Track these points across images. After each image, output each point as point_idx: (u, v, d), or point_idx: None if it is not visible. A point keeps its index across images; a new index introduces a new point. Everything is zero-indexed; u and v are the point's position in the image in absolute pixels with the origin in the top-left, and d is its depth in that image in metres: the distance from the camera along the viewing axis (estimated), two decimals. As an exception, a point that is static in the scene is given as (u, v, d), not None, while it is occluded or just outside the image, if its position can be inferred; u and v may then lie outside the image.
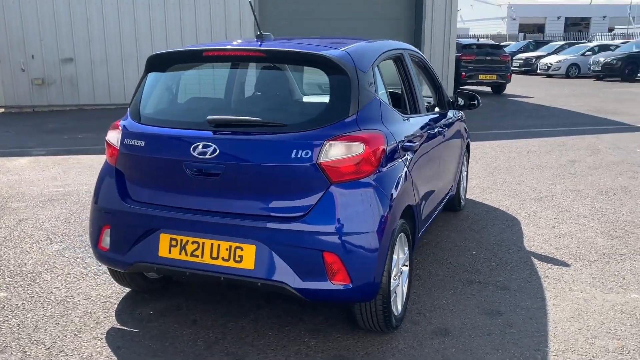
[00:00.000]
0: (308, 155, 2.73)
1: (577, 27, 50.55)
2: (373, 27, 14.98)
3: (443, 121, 4.28)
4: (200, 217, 2.91)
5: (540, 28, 50.03)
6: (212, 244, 2.88)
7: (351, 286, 2.72)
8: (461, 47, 16.18)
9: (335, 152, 2.74)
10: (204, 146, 2.86)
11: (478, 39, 23.28)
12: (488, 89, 17.29)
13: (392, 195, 2.91)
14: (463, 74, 15.78)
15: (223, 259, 2.86)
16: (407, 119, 3.47)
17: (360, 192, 2.77)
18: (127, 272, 3.32)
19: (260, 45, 3.14)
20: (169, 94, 3.26)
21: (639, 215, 5.25)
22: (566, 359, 2.88)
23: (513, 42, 35.57)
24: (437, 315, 3.34)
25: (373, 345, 3.02)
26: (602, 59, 22.17)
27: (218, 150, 2.83)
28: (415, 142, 3.39)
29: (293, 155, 2.75)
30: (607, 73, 22.04)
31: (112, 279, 3.70)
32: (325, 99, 2.92)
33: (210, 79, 3.48)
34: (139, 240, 3.05)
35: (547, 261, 4.17)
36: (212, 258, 2.88)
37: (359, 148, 2.76)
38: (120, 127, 3.19)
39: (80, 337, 3.15)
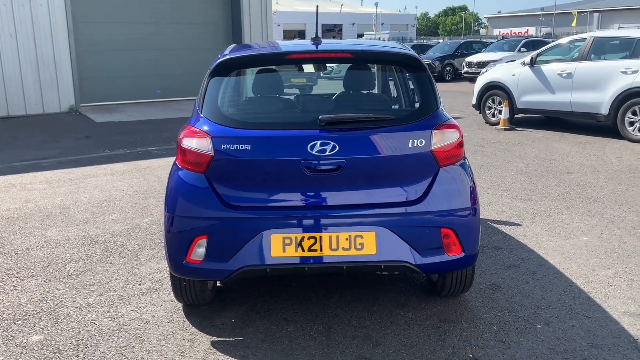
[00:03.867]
0: (423, 144, 3.08)
1: (331, 32, 55.80)
2: (186, 31, 14.92)
3: None
4: (315, 212, 3.03)
5: (301, 34, 53.92)
6: (330, 237, 3.03)
7: (463, 255, 3.15)
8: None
9: (440, 139, 3.13)
10: (322, 144, 3.00)
11: None
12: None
13: (472, 174, 3.40)
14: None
15: (343, 248, 3.03)
16: None
17: (459, 172, 3.20)
18: (227, 280, 3.22)
19: (318, 47, 3.34)
20: (255, 96, 3.26)
21: (506, 182, 6.52)
22: (590, 289, 3.72)
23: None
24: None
25: (457, 307, 3.48)
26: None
27: (338, 147, 3.00)
28: None
29: (410, 145, 3.07)
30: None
31: (135, 303, 3.50)
32: (411, 93, 3.26)
33: (289, 80, 3.52)
34: (245, 245, 3.03)
35: (505, 224, 5.06)
36: (331, 250, 3.03)
37: (455, 134, 3.19)
38: (206, 133, 3.09)
39: (190, 356, 3.00)
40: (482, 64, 20.76)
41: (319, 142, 3.00)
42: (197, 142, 3.10)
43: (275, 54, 3.27)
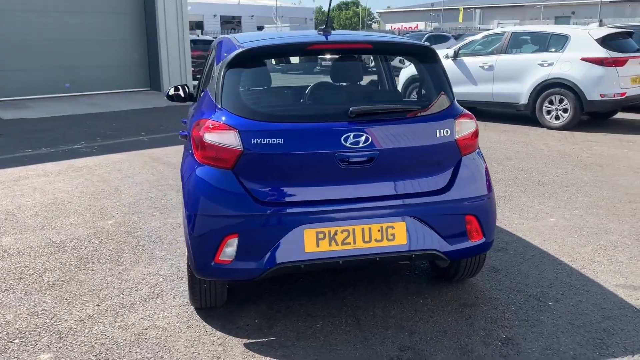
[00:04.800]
0: (449, 134, 3.15)
1: (230, 24, 54.92)
2: (96, 21, 14.09)
3: None
4: (348, 205, 3.01)
5: (199, 25, 52.59)
6: (362, 229, 3.02)
7: (484, 240, 3.26)
8: (184, 43, 16.41)
9: (461, 129, 3.21)
10: (355, 136, 2.97)
11: (198, 35, 23.55)
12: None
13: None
14: (192, 69, 16.08)
15: (376, 240, 3.04)
16: None
17: (478, 161, 3.30)
18: (259, 279, 3.09)
19: (328, 37, 3.30)
20: (277, 87, 3.15)
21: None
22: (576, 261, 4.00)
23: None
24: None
25: (470, 291, 3.60)
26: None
27: (370, 139, 2.99)
28: None
29: (437, 135, 3.12)
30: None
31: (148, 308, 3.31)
32: (429, 84, 3.31)
33: (310, 71, 3.41)
34: (278, 242, 2.95)
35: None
36: (364, 242, 3.02)
37: (473, 124, 3.28)
38: (233, 127, 2.95)
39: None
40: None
41: (352, 134, 2.97)
42: (223, 137, 2.95)
43: (298, 44, 3.19)
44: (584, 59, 9.24)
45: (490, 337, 3.06)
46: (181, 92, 4.86)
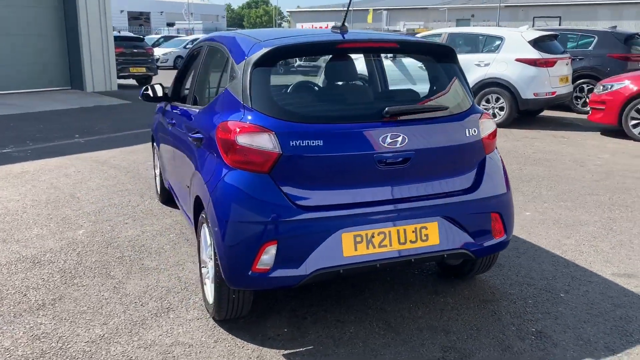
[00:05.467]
0: (476, 133, 3.18)
1: (138, 20, 52.81)
2: (9, 13, 13.05)
3: None
4: (385, 207, 2.96)
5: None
6: (398, 231, 2.98)
7: (505, 237, 3.32)
8: (105, 40, 15.58)
9: (485, 127, 3.25)
10: (392, 136, 2.92)
11: (119, 31, 22.28)
12: (133, 81, 17.20)
13: None
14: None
15: (411, 241, 3.01)
16: None
17: (498, 159, 3.36)
18: (297, 286, 2.95)
19: (366, 37, 3.26)
20: (308, 86, 3.04)
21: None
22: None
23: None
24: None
25: (483, 287, 3.67)
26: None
27: (407, 139, 2.95)
28: None
29: (466, 134, 3.14)
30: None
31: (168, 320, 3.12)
32: (452, 84, 3.31)
33: (337, 70, 3.28)
34: (317, 248, 2.85)
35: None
36: (400, 244, 2.99)
37: (493, 124, 3.33)
38: (268, 129, 2.80)
39: (274, 374, 2.74)
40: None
41: (389, 135, 2.92)
42: (259, 140, 2.80)
43: (326, 42, 3.08)
44: (518, 60, 9.73)
45: (522, 332, 3.12)
46: (159, 92, 4.63)
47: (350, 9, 3.33)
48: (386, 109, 2.97)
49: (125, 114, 11.72)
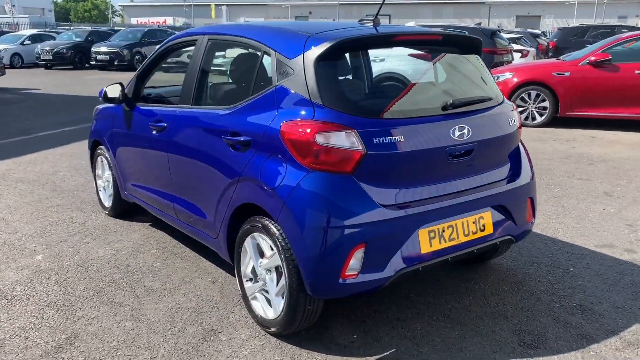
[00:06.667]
0: (515, 123, 3.29)
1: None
2: None
3: None
4: (452, 201, 2.95)
5: None
6: (462, 223, 3.01)
7: (533, 220, 3.50)
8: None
9: (518, 117, 3.39)
10: (460, 129, 2.93)
11: None
12: None
13: None
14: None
15: (472, 232, 3.06)
16: None
17: (524, 147, 3.51)
18: (379, 289, 2.80)
19: (414, 29, 3.22)
20: (371, 80, 2.91)
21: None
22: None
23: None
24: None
25: (503, 270, 3.83)
26: (48, 48, 22.31)
27: (471, 131, 2.97)
28: None
29: (509, 124, 3.24)
30: (58, 62, 22.42)
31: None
32: (486, 76, 3.37)
33: (395, 64, 3.11)
34: (400, 247, 2.77)
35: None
36: (464, 235, 3.02)
37: (518, 114, 3.48)
38: (348, 126, 2.64)
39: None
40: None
41: (457, 127, 2.92)
42: (341, 138, 2.64)
43: (384, 35, 2.95)
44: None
45: (567, 307, 3.31)
46: (119, 94, 4.18)
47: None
48: (450, 100, 2.96)
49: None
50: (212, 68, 3.67)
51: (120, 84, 4.25)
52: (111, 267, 3.85)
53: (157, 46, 4.17)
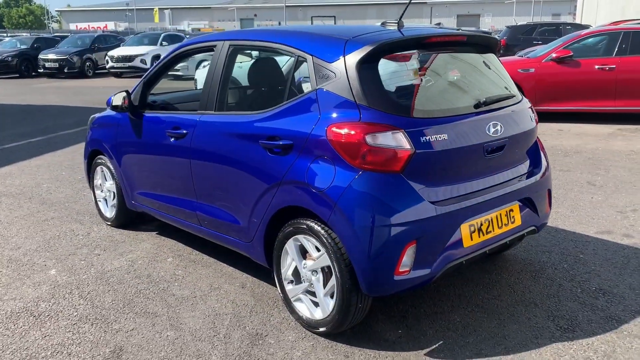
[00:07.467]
0: (534, 118, 3.46)
1: None
2: None
3: None
4: (488, 195, 3.07)
5: None
6: (497, 216, 3.13)
7: (550, 210, 3.67)
8: None
9: (534, 114, 3.54)
10: (494, 125, 3.05)
11: None
12: None
13: None
14: None
15: (504, 224, 3.19)
16: None
17: (539, 142, 3.67)
18: (427, 285, 2.89)
19: (440, 31, 3.32)
20: (410, 81, 3.00)
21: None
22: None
23: None
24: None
25: (519, 260, 3.98)
26: (-6, 57, 21.49)
27: (503, 127, 3.10)
28: None
29: (530, 119, 3.40)
30: (4, 70, 21.59)
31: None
32: (503, 74, 3.50)
33: (431, 64, 3.19)
34: (447, 242, 2.87)
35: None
36: (499, 227, 3.14)
37: (534, 111, 3.63)
38: (396, 127, 2.72)
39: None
40: (129, 58, 20.30)
41: (491, 124, 3.04)
42: (390, 138, 2.71)
43: (419, 37, 3.03)
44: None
45: (589, 292, 3.49)
46: (126, 102, 4.14)
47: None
48: (483, 98, 3.08)
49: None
50: (234, 74, 3.67)
51: (126, 91, 4.18)
52: (132, 278, 3.78)
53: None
